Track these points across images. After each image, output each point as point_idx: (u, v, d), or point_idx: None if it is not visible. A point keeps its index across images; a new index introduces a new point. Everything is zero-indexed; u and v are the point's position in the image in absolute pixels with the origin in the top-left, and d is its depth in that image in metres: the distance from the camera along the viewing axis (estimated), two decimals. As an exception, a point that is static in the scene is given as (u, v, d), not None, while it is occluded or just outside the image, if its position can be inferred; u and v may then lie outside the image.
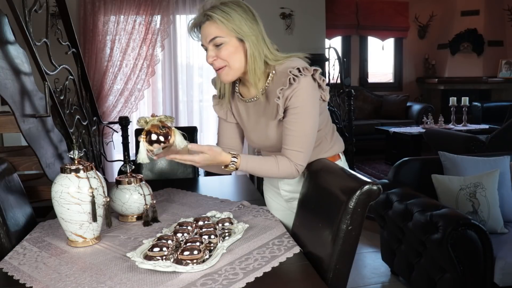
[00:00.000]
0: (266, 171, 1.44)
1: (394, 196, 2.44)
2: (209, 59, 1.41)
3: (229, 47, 1.39)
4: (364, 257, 3.09)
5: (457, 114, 5.57)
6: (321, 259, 1.26)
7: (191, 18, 1.47)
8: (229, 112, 1.61)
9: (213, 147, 1.37)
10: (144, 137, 1.34)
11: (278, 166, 1.42)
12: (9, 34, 2.43)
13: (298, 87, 1.37)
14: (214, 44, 1.39)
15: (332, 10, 6.66)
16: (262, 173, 1.47)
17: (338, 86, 5.27)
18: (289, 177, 1.47)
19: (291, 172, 1.43)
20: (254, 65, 1.40)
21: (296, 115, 1.39)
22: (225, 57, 1.40)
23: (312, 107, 1.41)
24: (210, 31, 1.38)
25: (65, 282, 1.13)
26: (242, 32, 1.37)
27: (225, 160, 1.39)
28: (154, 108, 5.22)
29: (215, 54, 1.40)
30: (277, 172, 1.43)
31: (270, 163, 1.43)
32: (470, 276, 2.00)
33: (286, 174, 1.44)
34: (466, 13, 7.10)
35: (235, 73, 1.44)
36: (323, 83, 1.44)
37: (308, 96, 1.39)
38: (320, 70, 1.42)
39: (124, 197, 1.58)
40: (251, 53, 1.39)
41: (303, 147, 1.41)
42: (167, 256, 1.20)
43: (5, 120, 2.34)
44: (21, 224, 1.59)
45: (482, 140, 3.52)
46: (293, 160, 1.42)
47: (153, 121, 1.34)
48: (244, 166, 1.41)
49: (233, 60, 1.41)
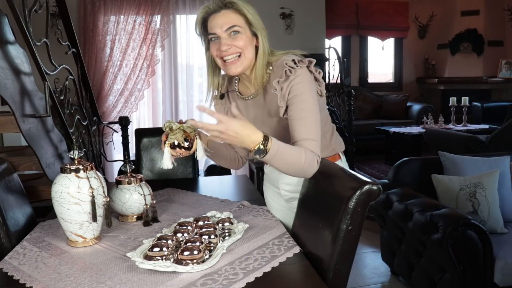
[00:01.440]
0: (292, 162, 1.30)
1: (394, 196, 2.44)
2: (224, 46, 1.38)
3: (245, 37, 1.40)
4: (364, 257, 3.09)
5: (457, 114, 5.57)
6: (321, 259, 1.26)
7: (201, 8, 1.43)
8: (229, 112, 1.61)
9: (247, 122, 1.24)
10: (168, 144, 1.34)
11: (305, 158, 1.30)
12: (9, 34, 2.43)
13: (295, 78, 1.38)
14: (232, 31, 1.38)
15: (332, 10, 6.66)
16: (288, 164, 1.30)
17: (338, 86, 5.27)
18: (309, 172, 1.35)
19: (313, 165, 1.34)
20: (263, 60, 1.42)
21: (300, 103, 1.37)
22: (241, 46, 1.39)
23: (312, 96, 1.40)
24: (229, 19, 1.38)
25: (65, 282, 1.13)
26: (258, 26, 1.41)
27: (255, 139, 1.22)
28: (154, 108, 5.22)
29: (231, 42, 1.39)
30: (301, 165, 1.31)
31: (298, 154, 1.30)
32: (470, 276, 2.00)
33: (309, 167, 1.33)
34: (466, 13, 7.10)
35: (246, 64, 1.43)
36: (318, 75, 1.45)
37: (307, 84, 1.39)
38: (314, 61, 1.43)
39: (124, 197, 1.58)
40: (262, 47, 1.41)
41: (315, 136, 1.36)
42: (167, 256, 1.20)
43: (5, 120, 2.34)
44: (21, 224, 1.59)
45: (482, 140, 3.52)
46: (315, 151, 1.34)
47: (178, 133, 1.32)
48: (274, 152, 1.25)
49: (247, 50, 1.41)
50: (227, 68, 1.44)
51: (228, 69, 1.44)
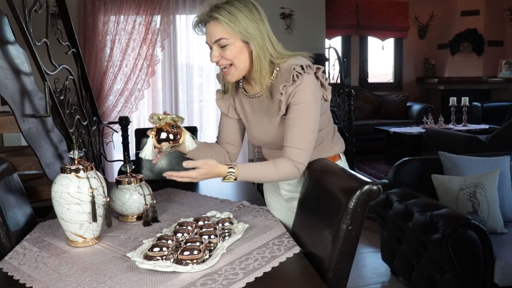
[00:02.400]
0: (266, 176, 1.43)
1: (394, 196, 2.44)
2: (213, 58, 1.41)
3: (234, 48, 1.39)
4: (364, 257, 3.09)
5: (457, 114, 5.57)
6: (321, 259, 1.26)
7: (194, 16, 1.45)
8: (231, 108, 1.62)
9: (207, 160, 1.36)
10: (154, 133, 1.35)
11: (277, 169, 1.40)
12: (9, 34, 2.43)
13: (301, 84, 1.37)
14: (219, 45, 1.39)
15: (332, 10, 6.66)
16: (262, 179, 1.47)
17: (338, 86, 5.27)
18: (291, 178, 1.45)
19: (292, 172, 1.41)
20: (260, 66, 1.41)
21: (299, 111, 1.38)
22: (230, 57, 1.40)
23: (314, 105, 1.40)
24: (215, 32, 1.37)
25: (65, 282, 1.13)
26: (248, 34, 1.37)
27: (222, 172, 1.36)
28: (154, 108, 5.22)
29: (219, 54, 1.40)
30: (277, 175, 1.42)
31: (269, 168, 1.41)
32: (470, 276, 2.00)
33: (287, 175, 1.43)
34: (466, 13, 7.09)
35: (240, 73, 1.44)
36: (325, 82, 1.44)
37: (311, 93, 1.39)
38: (322, 68, 1.42)
39: (124, 197, 1.58)
40: (256, 54, 1.39)
41: (304, 145, 1.40)
42: (167, 256, 1.20)
43: (5, 120, 2.34)
44: (21, 224, 1.59)
45: (482, 140, 3.52)
46: (293, 158, 1.40)
47: (166, 119, 1.34)
48: (243, 175, 1.38)
49: (238, 60, 1.41)
50: (224, 76, 1.48)
51: (225, 77, 1.48)
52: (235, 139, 1.67)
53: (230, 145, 1.67)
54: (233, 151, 1.68)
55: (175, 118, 1.36)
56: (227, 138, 1.66)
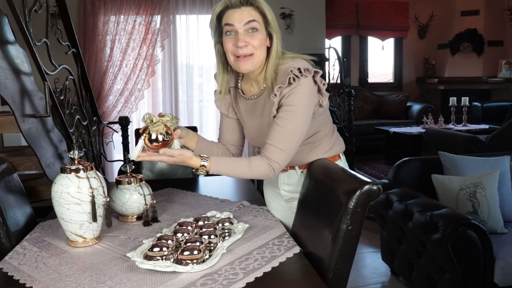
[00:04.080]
0: (238, 171, 1.40)
1: (394, 196, 2.44)
2: (241, 42, 1.37)
3: (261, 36, 1.40)
4: (364, 257, 3.09)
5: (457, 114, 5.57)
6: (321, 259, 1.26)
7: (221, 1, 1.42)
8: (230, 108, 1.61)
9: (184, 151, 1.35)
10: (146, 136, 1.33)
11: (251, 166, 1.38)
12: (9, 34, 2.43)
13: (298, 87, 1.36)
14: (249, 28, 1.38)
15: (332, 10, 6.66)
16: (234, 174, 1.42)
17: (338, 86, 5.27)
18: (265, 177, 1.43)
19: (265, 171, 1.39)
20: (275, 62, 1.42)
21: (289, 112, 1.37)
22: (256, 45, 1.39)
23: (306, 109, 1.39)
24: (250, 13, 1.38)
25: (65, 282, 1.13)
26: (275, 27, 1.41)
27: (194, 164, 1.35)
28: (154, 108, 5.22)
29: (248, 40, 1.39)
30: (249, 173, 1.39)
31: (241, 164, 1.39)
32: (470, 276, 2.00)
33: (261, 174, 1.40)
34: (466, 13, 7.09)
35: (257, 64, 1.43)
36: (323, 87, 1.42)
37: (305, 97, 1.37)
38: (321, 72, 1.41)
39: (124, 197, 1.58)
40: (275, 48, 1.41)
41: (286, 147, 1.38)
42: (167, 256, 1.20)
43: (5, 120, 2.34)
44: (21, 224, 1.59)
45: (482, 140, 3.52)
46: (272, 157, 1.38)
47: (159, 125, 1.32)
48: (215, 169, 1.37)
49: (260, 51, 1.41)
50: (238, 64, 1.42)
51: (240, 65, 1.42)
52: (236, 139, 1.66)
53: (232, 146, 1.66)
54: (235, 151, 1.67)
55: (168, 122, 1.34)
56: (228, 138, 1.66)
